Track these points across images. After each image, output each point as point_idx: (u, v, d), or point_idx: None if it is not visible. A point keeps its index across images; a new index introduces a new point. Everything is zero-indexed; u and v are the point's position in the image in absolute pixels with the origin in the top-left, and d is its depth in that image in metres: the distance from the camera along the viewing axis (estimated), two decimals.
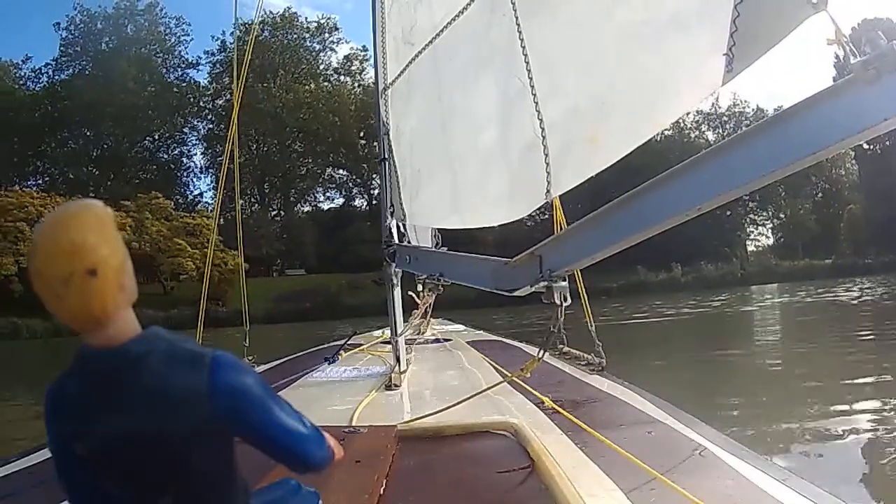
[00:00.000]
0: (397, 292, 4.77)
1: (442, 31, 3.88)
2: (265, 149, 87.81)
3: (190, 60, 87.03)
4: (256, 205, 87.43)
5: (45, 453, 2.06)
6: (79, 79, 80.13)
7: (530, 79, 3.15)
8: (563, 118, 3.07)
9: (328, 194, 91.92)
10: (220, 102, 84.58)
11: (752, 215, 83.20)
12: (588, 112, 2.93)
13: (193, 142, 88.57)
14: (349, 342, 6.47)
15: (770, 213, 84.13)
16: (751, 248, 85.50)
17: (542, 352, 2.94)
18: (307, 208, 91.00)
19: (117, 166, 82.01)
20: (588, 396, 3.85)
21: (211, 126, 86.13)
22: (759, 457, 2.79)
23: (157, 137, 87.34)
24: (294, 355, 6.88)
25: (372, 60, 4.96)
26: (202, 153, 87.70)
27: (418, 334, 7.59)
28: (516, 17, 3.20)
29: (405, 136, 4.57)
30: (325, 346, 7.00)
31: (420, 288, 7.46)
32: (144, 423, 1.26)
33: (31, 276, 1.21)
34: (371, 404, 3.73)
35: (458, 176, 4.05)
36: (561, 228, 5.44)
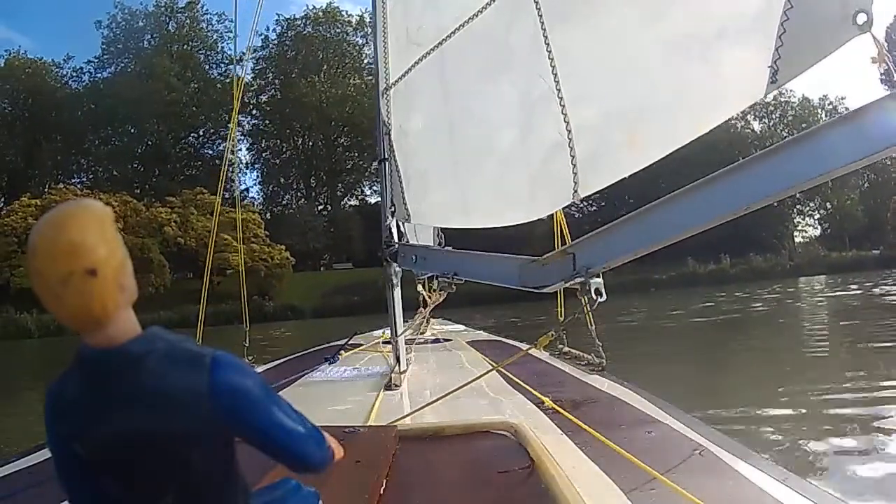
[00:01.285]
0: (397, 292, 4.81)
1: (454, 32, 3.88)
2: (311, 143, 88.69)
3: (233, 56, 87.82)
4: (303, 199, 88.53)
5: (45, 453, 2.09)
6: (121, 76, 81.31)
7: (556, 82, 3.18)
8: (593, 121, 3.12)
9: (374, 188, 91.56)
10: (265, 98, 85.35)
11: (798, 206, 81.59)
12: (622, 116, 2.99)
13: (238, 137, 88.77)
14: (349, 342, 6.52)
15: (817, 203, 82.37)
16: (798, 238, 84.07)
17: (560, 328, 2.96)
18: (354, 202, 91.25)
19: (162, 163, 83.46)
20: (588, 396, 3.86)
21: (256, 122, 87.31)
22: (759, 457, 2.79)
23: (201, 133, 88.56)
24: (294, 355, 6.96)
25: (374, 61, 4.92)
26: (247, 148, 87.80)
27: (419, 334, 7.64)
28: (542, 22, 3.22)
29: (410, 136, 4.57)
30: (325, 345, 7.01)
31: (420, 288, 7.48)
32: (144, 424, 1.26)
33: (30, 276, 1.21)
34: (371, 404, 3.75)
35: (469, 177, 4.06)
36: (562, 233, 5.64)
